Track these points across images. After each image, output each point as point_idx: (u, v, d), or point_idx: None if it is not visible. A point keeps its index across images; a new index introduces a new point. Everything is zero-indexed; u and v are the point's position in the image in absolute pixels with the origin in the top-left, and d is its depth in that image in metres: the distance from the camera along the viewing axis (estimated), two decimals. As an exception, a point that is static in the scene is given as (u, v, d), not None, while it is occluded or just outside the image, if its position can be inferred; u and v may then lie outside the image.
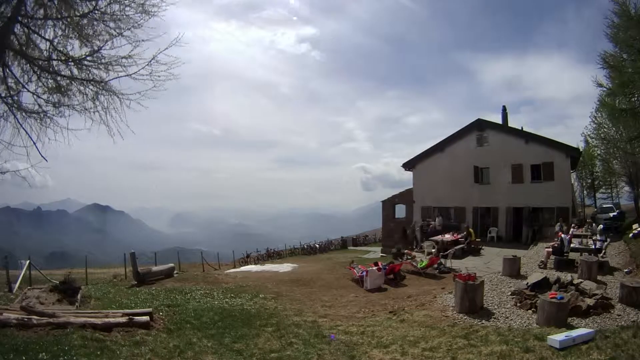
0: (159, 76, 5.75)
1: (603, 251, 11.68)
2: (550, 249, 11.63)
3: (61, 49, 5.55)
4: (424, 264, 13.04)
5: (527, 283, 8.62)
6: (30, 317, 5.54)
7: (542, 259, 11.75)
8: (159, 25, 5.65)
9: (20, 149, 5.50)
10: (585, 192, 33.16)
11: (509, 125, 22.21)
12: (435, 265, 13.12)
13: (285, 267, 18.20)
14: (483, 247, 17.00)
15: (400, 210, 25.41)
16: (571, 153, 19.11)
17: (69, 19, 5.41)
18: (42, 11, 5.41)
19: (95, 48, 5.56)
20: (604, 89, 11.66)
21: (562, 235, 12.29)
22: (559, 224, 15.96)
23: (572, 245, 12.26)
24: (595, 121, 22.10)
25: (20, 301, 7.18)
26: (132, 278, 13.36)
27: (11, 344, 4.62)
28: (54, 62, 5.58)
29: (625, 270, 10.12)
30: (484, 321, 7.06)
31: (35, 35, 5.50)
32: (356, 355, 5.70)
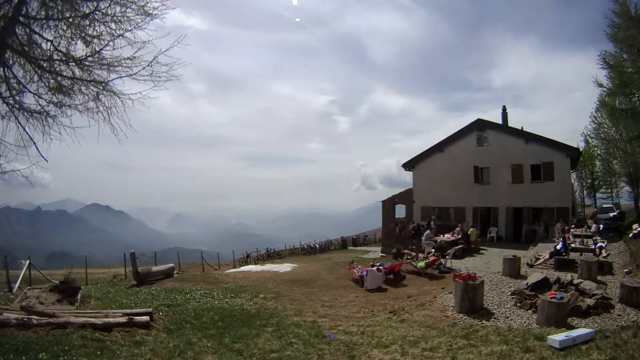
0: (159, 77, 5.76)
1: (606, 252, 11.70)
2: (547, 256, 11.63)
3: (62, 49, 5.55)
4: (423, 264, 13.05)
5: (527, 283, 8.62)
6: (30, 317, 5.54)
7: (535, 259, 11.83)
8: (159, 27, 5.66)
9: (21, 149, 5.51)
10: (585, 192, 33.19)
11: (509, 124, 22.24)
12: (435, 265, 13.13)
13: (285, 267, 18.21)
14: (484, 248, 17.01)
15: (400, 210, 25.43)
16: (571, 153, 19.12)
17: (70, 20, 5.41)
18: (43, 11, 5.41)
19: (97, 49, 5.57)
20: (604, 89, 11.68)
21: (560, 235, 12.34)
22: (559, 223, 15.97)
23: (572, 245, 12.29)
24: (595, 121, 22.10)
25: (20, 301, 7.18)
26: (132, 278, 13.38)
27: (11, 344, 4.61)
28: (55, 63, 5.59)
29: (625, 270, 10.12)
30: (484, 321, 7.06)
31: (37, 35, 5.50)
32: (356, 355, 5.71)
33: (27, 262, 12.07)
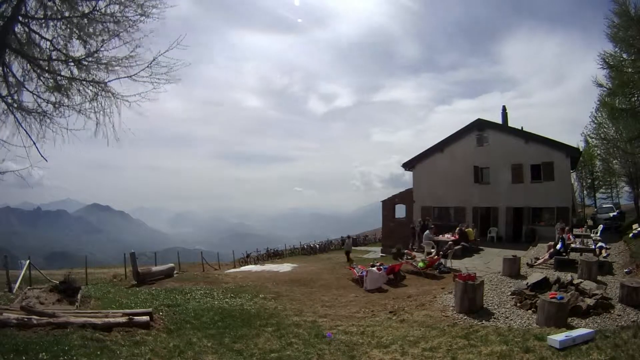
0: (158, 79, 5.74)
1: (606, 252, 11.72)
2: (547, 256, 11.64)
3: (61, 48, 5.55)
4: (423, 265, 13.04)
5: (527, 283, 8.62)
6: (30, 317, 5.53)
7: (534, 259, 11.86)
8: (158, 28, 5.64)
9: (20, 148, 5.50)
10: (585, 192, 33.18)
11: (509, 125, 22.23)
12: (435, 265, 13.14)
13: (285, 267, 18.21)
14: (483, 248, 17.02)
15: (400, 210, 25.42)
16: (571, 153, 19.11)
17: (69, 19, 5.41)
18: (42, 11, 5.40)
19: (95, 49, 5.56)
20: (604, 88, 11.66)
21: (560, 236, 12.36)
22: (559, 223, 15.97)
23: (572, 245, 12.29)
24: (595, 121, 22.05)
25: (20, 301, 7.18)
26: (132, 278, 13.37)
27: (11, 344, 4.61)
28: (54, 62, 5.58)
29: (625, 270, 10.12)
30: (484, 321, 7.05)
31: (36, 34, 5.50)
32: (356, 355, 5.70)
33: (27, 262, 12.06)
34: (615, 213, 21.44)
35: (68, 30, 5.47)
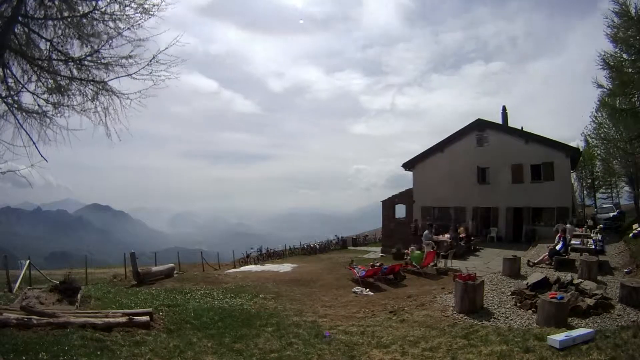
0: (159, 76, 5.75)
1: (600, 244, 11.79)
2: (547, 255, 11.65)
3: (61, 49, 5.54)
4: (417, 257, 13.07)
5: (527, 283, 8.62)
6: (30, 317, 5.53)
7: (535, 259, 11.88)
8: (158, 25, 5.65)
9: (21, 149, 5.50)
10: (585, 192, 33.21)
11: (509, 125, 22.25)
12: (434, 265, 13.17)
13: (285, 267, 18.20)
14: (482, 247, 17.04)
15: (400, 210, 25.43)
16: (571, 153, 19.15)
17: (69, 19, 5.41)
18: (42, 11, 5.40)
19: (95, 48, 5.56)
20: (604, 89, 11.68)
21: (559, 236, 12.39)
22: (559, 224, 15.97)
23: (572, 242, 12.30)
24: (595, 121, 22.12)
25: (20, 301, 7.17)
26: (132, 278, 13.37)
27: (11, 344, 4.61)
28: (54, 62, 5.58)
29: (625, 270, 10.12)
30: (484, 321, 7.05)
31: (35, 35, 5.49)
32: (356, 355, 5.70)
33: (27, 262, 12.06)
34: (615, 213, 21.46)
35: (68, 30, 5.47)
